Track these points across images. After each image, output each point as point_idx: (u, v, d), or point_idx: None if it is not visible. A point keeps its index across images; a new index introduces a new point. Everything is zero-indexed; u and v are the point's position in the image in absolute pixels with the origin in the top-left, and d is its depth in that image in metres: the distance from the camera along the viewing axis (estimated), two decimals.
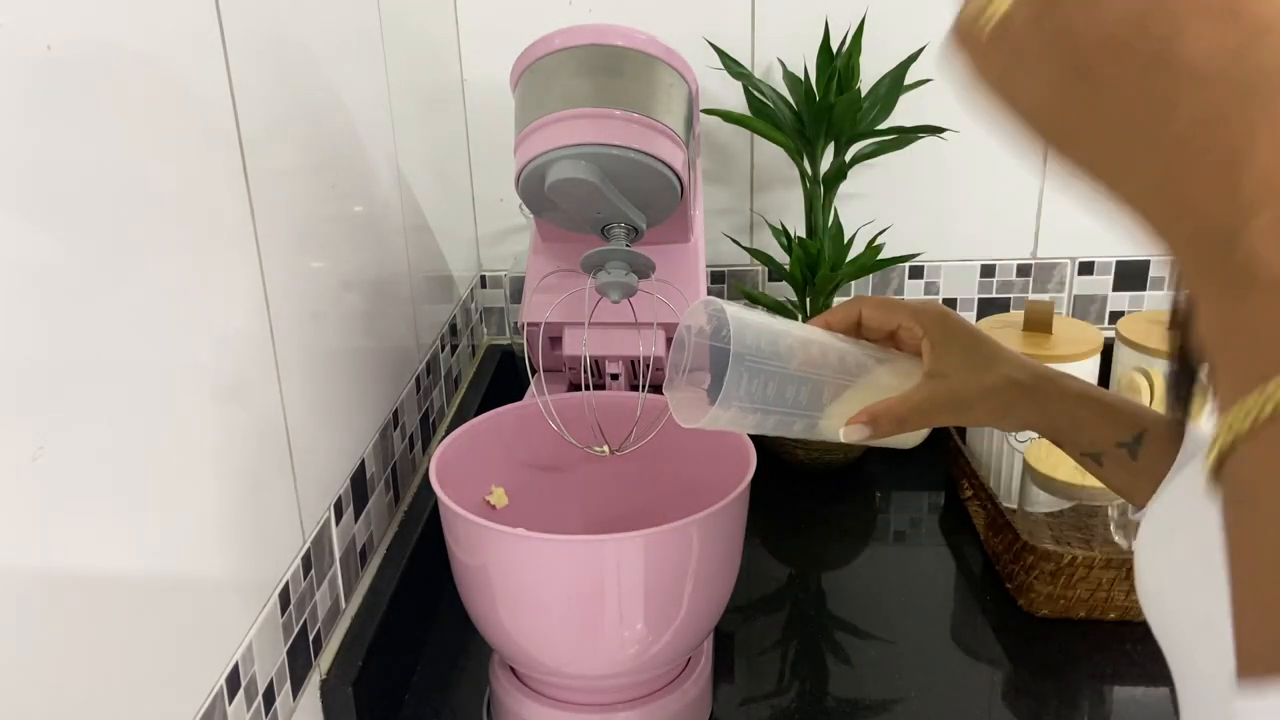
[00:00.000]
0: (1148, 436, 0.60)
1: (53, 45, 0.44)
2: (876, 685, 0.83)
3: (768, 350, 0.57)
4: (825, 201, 1.09)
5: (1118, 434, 0.60)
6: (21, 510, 0.42)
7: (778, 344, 0.58)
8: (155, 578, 0.52)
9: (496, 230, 1.27)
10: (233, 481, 0.60)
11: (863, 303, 0.62)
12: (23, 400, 0.42)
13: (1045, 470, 0.91)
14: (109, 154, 0.48)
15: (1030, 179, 1.21)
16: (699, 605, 0.72)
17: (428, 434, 1.03)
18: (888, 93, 1.07)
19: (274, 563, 0.66)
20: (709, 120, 1.12)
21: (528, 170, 0.78)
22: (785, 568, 1.00)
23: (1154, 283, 1.25)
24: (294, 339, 0.69)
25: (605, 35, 0.83)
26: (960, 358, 0.60)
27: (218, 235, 0.59)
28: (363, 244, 0.85)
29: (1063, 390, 0.60)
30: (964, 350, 0.60)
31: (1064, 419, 0.60)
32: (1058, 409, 0.60)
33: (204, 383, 0.57)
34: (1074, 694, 0.82)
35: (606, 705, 0.75)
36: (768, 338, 0.58)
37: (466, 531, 0.70)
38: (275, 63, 0.67)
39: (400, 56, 0.95)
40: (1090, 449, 0.61)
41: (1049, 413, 0.60)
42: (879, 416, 0.58)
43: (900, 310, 0.61)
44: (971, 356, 0.60)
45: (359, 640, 0.76)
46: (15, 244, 0.42)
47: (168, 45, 0.54)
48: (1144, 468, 0.59)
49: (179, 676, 0.54)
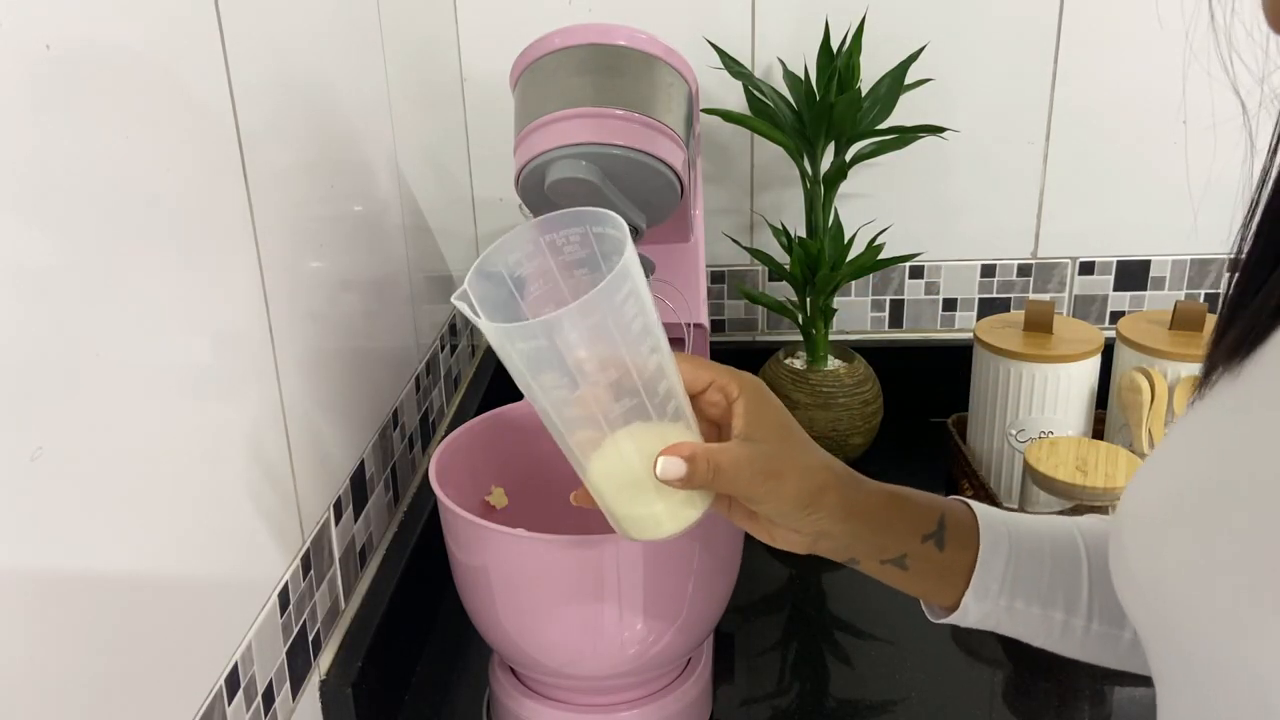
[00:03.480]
0: (949, 520, 0.58)
1: (52, 45, 0.44)
2: (876, 685, 0.83)
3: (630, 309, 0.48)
4: (825, 201, 1.09)
5: (922, 525, 0.57)
6: (21, 510, 0.42)
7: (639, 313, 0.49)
8: (154, 578, 0.52)
9: (496, 230, 1.27)
10: (232, 481, 0.60)
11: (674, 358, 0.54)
12: (22, 400, 0.42)
13: (1045, 470, 0.91)
14: (108, 154, 0.48)
15: (1030, 179, 1.21)
16: (699, 605, 0.72)
17: (427, 434, 1.03)
18: (888, 93, 1.07)
19: (273, 563, 0.66)
20: (709, 120, 1.12)
21: (528, 170, 0.78)
22: (785, 568, 1.00)
23: (1154, 283, 1.25)
24: (293, 339, 0.68)
25: (605, 35, 0.83)
26: (774, 430, 0.54)
27: (217, 235, 0.59)
28: (362, 244, 0.85)
29: (869, 486, 0.57)
30: (779, 424, 0.55)
31: (868, 512, 0.56)
32: (865, 503, 0.56)
33: (203, 382, 0.57)
34: (1074, 694, 0.82)
35: (606, 706, 0.75)
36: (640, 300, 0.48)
37: (466, 532, 0.70)
38: (274, 62, 0.67)
39: (400, 55, 0.94)
40: (894, 552, 0.57)
41: (854, 504, 0.55)
42: (697, 457, 0.51)
43: (714, 368, 0.55)
44: (786, 431, 0.55)
45: (359, 640, 0.76)
46: (14, 244, 0.42)
47: (168, 45, 0.54)
48: (949, 559, 0.58)
49: (178, 677, 0.54)
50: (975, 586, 0.57)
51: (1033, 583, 0.58)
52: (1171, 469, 0.44)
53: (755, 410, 0.54)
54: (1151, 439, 1.00)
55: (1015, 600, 0.58)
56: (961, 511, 0.59)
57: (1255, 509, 0.37)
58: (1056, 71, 1.17)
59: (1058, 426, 1.03)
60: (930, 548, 0.57)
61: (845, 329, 1.27)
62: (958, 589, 0.58)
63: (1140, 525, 0.43)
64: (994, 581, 0.58)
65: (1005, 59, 1.17)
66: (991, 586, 0.58)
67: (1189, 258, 1.23)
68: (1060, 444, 0.95)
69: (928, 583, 0.59)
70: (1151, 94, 1.16)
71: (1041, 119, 1.19)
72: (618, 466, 0.52)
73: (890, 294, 1.27)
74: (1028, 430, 1.03)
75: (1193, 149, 1.05)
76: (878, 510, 0.57)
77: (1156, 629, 0.42)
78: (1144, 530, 0.43)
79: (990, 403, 1.05)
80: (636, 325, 0.49)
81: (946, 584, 0.58)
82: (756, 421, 0.54)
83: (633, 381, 0.50)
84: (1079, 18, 1.14)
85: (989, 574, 0.57)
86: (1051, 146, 1.20)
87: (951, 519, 0.58)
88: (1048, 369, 1.02)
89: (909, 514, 0.58)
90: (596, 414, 0.50)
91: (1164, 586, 0.40)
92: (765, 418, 0.54)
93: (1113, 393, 1.06)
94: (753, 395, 0.54)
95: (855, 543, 0.56)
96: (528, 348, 0.48)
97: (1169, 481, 0.43)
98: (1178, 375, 1.00)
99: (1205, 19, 0.42)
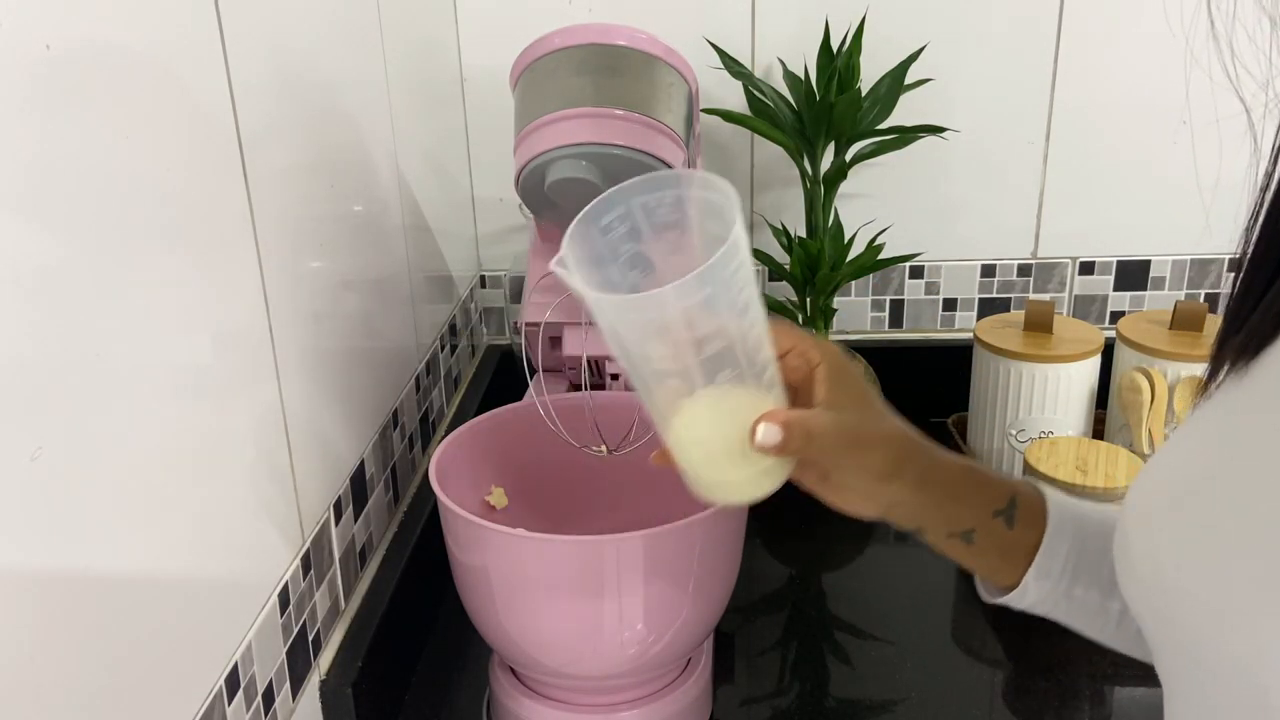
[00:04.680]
0: (1020, 499, 0.58)
1: (52, 45, 0.44)
2: (876, 685, 0.83)
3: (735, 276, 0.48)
4: (825, 201, 1.09)
5: (993, 501, 0.57)
6: (21, 510, 0.42)
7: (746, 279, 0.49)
8: (154, 578, 0.52)
9: (496, 230, 1.27)
10: (232, 481, 0.60)
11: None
12: (22, 400, 0.42)
13: (1045, 470, 0.91)
14: (109, 154, 0.48)
15: (1030, 179, 1.21)
16: (699, 605, 0.72)
17: (427, 434, 1.03)
18: (888, 93, 1.07)
19: (273, 563, 0.66)
20: (709, 120, 1.12)
21: (528, 170, 0.78)
22: (785, 568, 1.00)
23: (1154, 283, 1.25)
24: (293, 339, 0.68)
25: (605, 35, 0.83)
26: (857, 399, 0.55)
27: (217, 235, 0.59)
28: (362, 244, 0.85)
29: (946, 458, 0.57)
30: (860, 392, 0.55)
31: (946, 482, 0.57)
32: (941, 475, 0.57)
33: (203, 382, 0.57)
34: (1074, 694, 0.82)
35: (606, 706, 0.75)
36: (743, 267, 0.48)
37: (466, 532, 0.70)
38: (274, 62, 0.67)
39: (400, 55, 0.94)
40: (964, 524, 0.57)
41: (934, 474, 0.56)
42: (792, 425, 0.51)
43: (796, 334, 0.55)
44: (867, 400, 0.55)
45: (359, 640, 0.76)
46: (14, 244, 0.42)
47: (167, 45, 0.54)
48: (1016, 538, 0.58)
49: (178, 677, 0.54)
50: (1038, 566, 0.57)
51: (1095, 571, 0.58)
52: (1177, 466, 0.44)
53: (837, 378, 0.54)
54: (1151, 439, 1.00)
55: (1075, 586, 0.58)
56: (1032, 492, 0.59)
57: (1257, 507, 0.37)
58: (1056, 71, 1.17)
59: (1058, 426, 1.03)
60: (999, 524, 0.57)
61: (845, 329, 1.27)
62: (1019, 568, 0.58)
63: (1144, 520, 0.44)
64: (1057, 564, 0.57)
65: (1005, 59, 1.17)
66: (1054, 569, 0.57)
67: (1189, 258, 1.23)
68: (1060, 444, 0.95)
69: (990, 560, 0.58)
70: (1151, 94, 1.16)
71: (1041, 119, 1.19)
72: (711, 433, 0.53)
73: (890, 294, 1.27)
74: (1028, 430, 1.03)
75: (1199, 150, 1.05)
76: (953, 483, 0.57)
77: (1159, 623, 0.42)
78: (1147, 525, 0.43)
79: (990, 403, 1.06)
80: (743, 297, 0.49)
81: (1009, 562, 0.58)
82: (839, 389, 0.54)
83: (734, 352, 0.50)
84: (1079, 18, 1.14)
85: (1053, 556, 0.57)
86: (1051, 146, 1.20)
87: (1023, 498, 0.58)
88: (1048, 369, 1.02)
89: (982, 488, 0.58)
90: (697, 381, 0.51)
91: (1165, 581, 0.40)
92: (847, 386, 0.55)
93: (1113, 393, 1.06)
94: (834, 363, 0.55)
95: (926, 513, 0.57)
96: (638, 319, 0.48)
97: (1174, 478, 0.43)
98: (1178, 375, 1.00)
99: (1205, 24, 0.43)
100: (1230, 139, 0.46)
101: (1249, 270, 0.43)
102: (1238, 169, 0.45)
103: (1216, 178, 0.93)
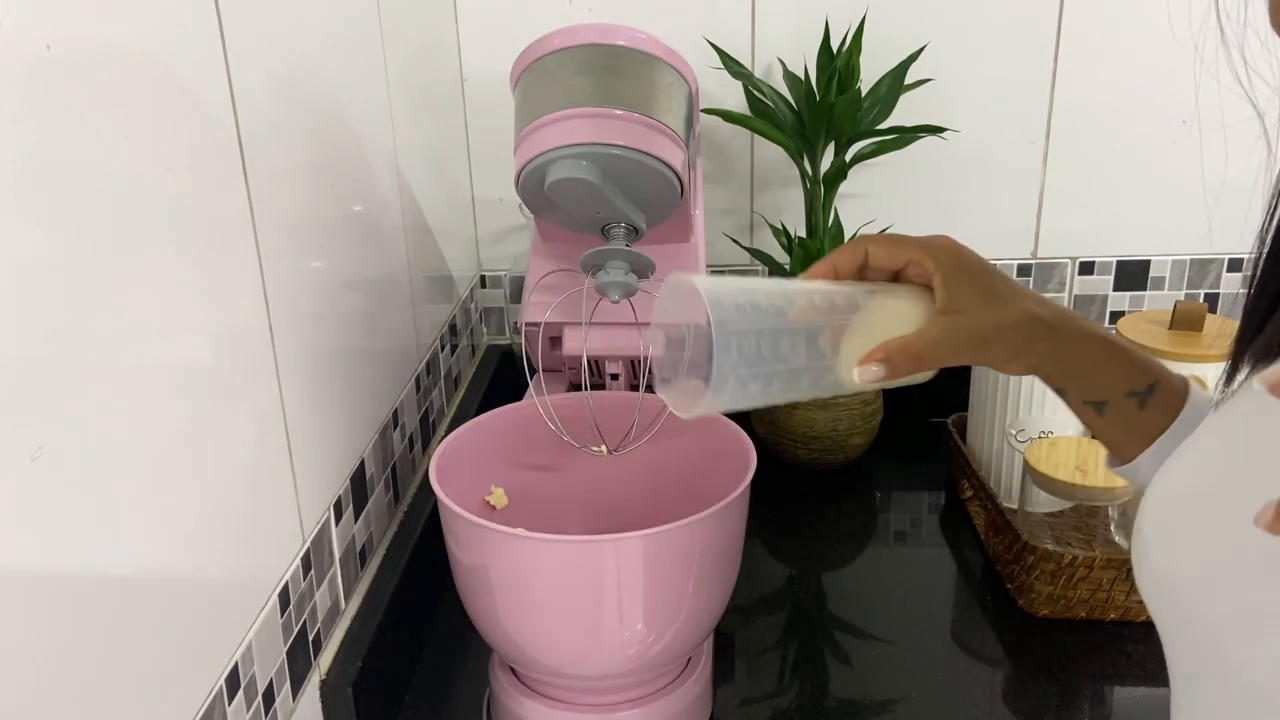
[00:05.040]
0: (1162, 386, 0.59)
1: (52, 45, 0.44)
2: (876, 685, 0.83)
3: (748, 305, 0.53)
4: (825, 201, 1.09)
5: (1131, 382, 0.59)
6: (21, 510, 0.42)
7: (757, 298, 0.54)
8: (155, 578, 0.52)
9: (496, 230, 1.27)
10: (232, 481, 0.60)
11: (868, 241, 0.59)
12: (22, 400, 0.42)
13: (1045, 470, 0.91)
14: (108, 154, 0.48)
15: (1030, 179, 1.21)
16: (699, 605, 0.72)
17: (427, 434, 1.03)
18: (888, 93, 1.07)
19: (273, 563, 0.66)
20: (709, 120, 1.12)
21: (528, 170, 0.78)
22: (785, 568, 1.00)
23: (1154, 283, 1.25)
24: (294, 339, 0.69)
25: (605, 35, 0.83)
26: (976, 292, 0.57)
27: (217, 235, 0.59)
28: (362, 244, 0.85)
29: (1083, 329, 0.59)
30: (979, 285, 0.57)
31: (1081, 358, 0.58)
32: (1077, 348, 0.58)
33: (204, 382, 0.57)
34: (1074, 694, 0.82)
35: (606, 705, 0.75)
36: (744, 295, 0.54)
37: (466, 531, 0.70)
38: (275, 63, 0.67)
39: (400, 56, 0.95)
40: (1097, 395, 0.59)
41: (1067, 352, 0.58)
42: (894, 354, 0.55)
43: (908, 245, 0.58)
44: (987, 292, 0.57)
45: (359, 640, 0.76)
46: (14, 244, 0.42)
47: (168, 45, 0.54)
48: (1145, 419, 0.59)
49: (178, 676, 0.54)
50: (1157, 448, 0.58)
51: None
52: (1196, 464, 0.44)
53: (953, 281, 0.57)
54: None
55: None
56: (1179, 385, 0.60)
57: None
58: (1056, 71, 1.17)
59: (1058, 426, 1.03)
60: (1132, 404, 0.59)
61: None
62: (1142, 447, 0.59)
63: (1161, 517, 0.44)
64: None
65: (1005, 59, 1.17)
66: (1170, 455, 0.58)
67: (1189, 258, 1.23)
68: (1060, 444, 0.95)
69: (1117, 432, 0.60)
70: (1152, 94, 1.16)
71: (1041, 119, 1.19)
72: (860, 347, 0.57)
73: None
74: (1028, 430, 1.03)
75: (1203, 151, 1.05)
76: (1088, 357, 0.59)
77: (1173, 621, 0.42)
78: (1165, 522, 0.43)
79: (990, 403, 1.05)
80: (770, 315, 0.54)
81: (1134, 440, 0.59)
82: (955, 293, 0.57)
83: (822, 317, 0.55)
84: (1079, 18, 1.14)
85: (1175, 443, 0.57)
86: (1051, 146, 1.20)
87: (1165, 387, 0.59)
88: None
89: (1120, 367, 0.59)
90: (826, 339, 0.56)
91: (1181, 579, 0.40)
92: (963, 286, 0.57)
93: None
94: (948, 266, 0.57)
95: (1066, 379, 0.59)
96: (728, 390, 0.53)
97: (1193, 476, 0.43)
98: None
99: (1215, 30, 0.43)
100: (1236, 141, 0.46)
101: (1265, 270, 0.43)
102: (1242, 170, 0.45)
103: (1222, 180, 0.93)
